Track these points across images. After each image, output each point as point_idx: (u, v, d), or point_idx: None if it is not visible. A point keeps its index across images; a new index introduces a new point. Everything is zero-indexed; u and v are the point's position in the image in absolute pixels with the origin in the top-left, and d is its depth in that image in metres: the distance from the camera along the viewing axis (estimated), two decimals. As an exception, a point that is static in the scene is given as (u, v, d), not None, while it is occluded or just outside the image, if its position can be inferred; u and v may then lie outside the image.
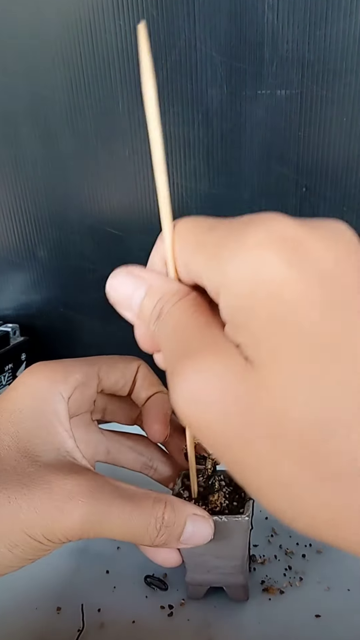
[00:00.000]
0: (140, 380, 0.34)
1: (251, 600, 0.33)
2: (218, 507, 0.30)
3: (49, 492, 0.25)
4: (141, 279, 0.22)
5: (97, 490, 0.25)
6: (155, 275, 0.22)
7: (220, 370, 0.17)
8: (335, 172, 0.46)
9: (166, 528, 0.26)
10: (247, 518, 0.29)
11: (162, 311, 0.21)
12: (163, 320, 0.21)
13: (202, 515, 0.28)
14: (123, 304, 0.23)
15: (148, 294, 0.22)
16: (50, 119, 0.51)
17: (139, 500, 0.26)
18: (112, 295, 0.23)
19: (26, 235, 0.57)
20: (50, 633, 0.32)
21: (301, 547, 0.37)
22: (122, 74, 0.47)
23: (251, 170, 0.48)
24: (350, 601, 0.33)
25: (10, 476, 0.25)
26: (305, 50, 0.42)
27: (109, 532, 0.26)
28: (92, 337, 0.59)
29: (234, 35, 0.43)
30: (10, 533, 0.24)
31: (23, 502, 0.24)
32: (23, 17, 0.48)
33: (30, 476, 0.25)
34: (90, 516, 0.25)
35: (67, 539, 0.25)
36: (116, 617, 0.32)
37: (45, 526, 0.24)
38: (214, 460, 0.32)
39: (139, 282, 0.22)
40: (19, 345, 0.57)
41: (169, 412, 0.33)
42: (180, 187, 0.50)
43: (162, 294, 0.21)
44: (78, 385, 0.30)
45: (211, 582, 0.32)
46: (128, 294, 0.22)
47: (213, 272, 0.18)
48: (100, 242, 0.54)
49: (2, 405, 0.29)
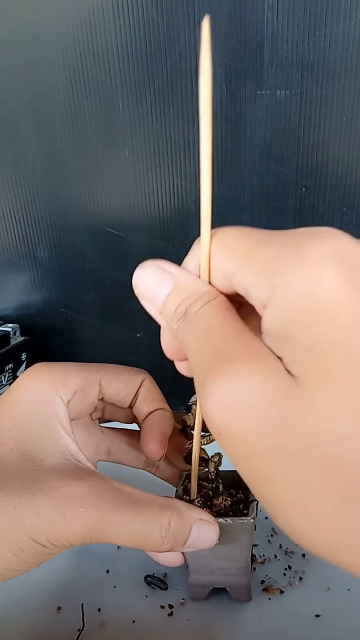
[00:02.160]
0: (143, 394, 0.33)
1: (251, 600, 0.33)
2: (222, 510, 0.30)
3: (53, 498, 0.25)
4: (169, 275, 0.22)
5: (101, 496, 0.25)
6: (184, 273, 0.22)
7: (262, 379, 0.17)
8: (335, 172, 0.46)
9: (172, 535, 0.26)
10: (252, 520, 0.29)
11: (190, 311, 0.20)
12: (191, 320, 0.20)
13: (207, 521, 0.28)
14: (147, 296, 0.22)
15: (175, 290, 0.21)
16: (50, 119, 0.51)
17: (144, 507, 0.26)
18: (137, 286, 0.22)
19: (26, 235, 0.57)
20: (50, 633, 0.32)
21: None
22: (122, 74, 0.47)
23: (251, 171, 0.48)
24: (350, 601, 0.33)
25: (14, 481, 0.25)
26: (305, 50, 0.42)
27: (113, 539, 0.25)
28: (92, 337, 0.59)
29: (234, 35, 0.43)
30: (16, 539, 0.24)
31: (28, 508, 0.24)
32: (23, 17, 0.48)
33: (34, 481, 0.25)
34: (93, 523, 0.25)
35: (71, 544, 0.25)
36: (116, 616, 0.32)
37: (49, 532, 0.24)
38: (216, 462, 0.32)
39: (166, 277, 0.22)
40: (19, 345, 0.57)
41: (168, 432, 0.32)
42: (180, 187, 0.50)
43: (189, 292, 0.21)
44: (78, 390, 0.30)
45: (214, 583, 0.32)
46: (153, 288, 0.22)
47: (265, 284, 0.18)
48: (100, 242, 0.54)
49: (4, 407, 0.29)
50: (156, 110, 0.48)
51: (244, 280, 0.19)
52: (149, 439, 0.32)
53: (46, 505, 0.24)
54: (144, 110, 0.48)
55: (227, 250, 0.20)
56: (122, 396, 0.33)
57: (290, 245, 0.18)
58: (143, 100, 0.47)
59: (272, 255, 0.18)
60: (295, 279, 0.17)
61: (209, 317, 0.20)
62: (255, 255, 0.19)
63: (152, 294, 0.22)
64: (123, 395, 0.33)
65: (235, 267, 0.20)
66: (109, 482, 0.26)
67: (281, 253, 0.18)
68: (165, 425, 0.32)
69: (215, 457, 0.32)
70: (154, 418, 0.33)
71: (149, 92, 0.47)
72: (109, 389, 0.32)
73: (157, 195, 0.51)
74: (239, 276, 0.19)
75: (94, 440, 0.34)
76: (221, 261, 0.20)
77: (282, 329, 0.17)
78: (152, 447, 0.32)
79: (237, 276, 0.20)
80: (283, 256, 0.18)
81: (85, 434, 0.33)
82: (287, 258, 0.18)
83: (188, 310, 0.20)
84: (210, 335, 0.19)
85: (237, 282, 0.20)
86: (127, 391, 0.33)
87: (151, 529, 0.26)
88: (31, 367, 0.31)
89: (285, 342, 0.17)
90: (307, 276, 0.17)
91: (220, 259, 0.20)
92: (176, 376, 0.26)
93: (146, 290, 0.22)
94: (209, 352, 0.19)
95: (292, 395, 0.17)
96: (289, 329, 0.17)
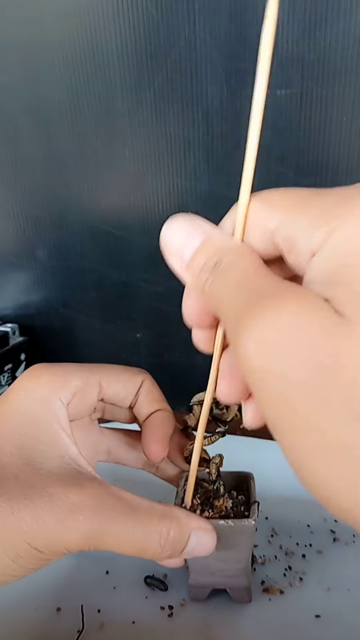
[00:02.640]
0: (143, 395, 0.33)
1: (251, 601, 0.33)
2: (223, 511, 0.30)
3: (52, 504, 0.24)
4: (201, 228, 0.21)
5: (100, 504, 0.25)
6: (216, 228, 0.21)
7: (308, 314, 0.16)
8: (335, 172, 0.46)
9: (171, 544, 0.26)
10: (253, 522, 0.29)
11: (222, 262, 0.19)
12: (224, 270, 0.19)
13: (205, 529, 0.28)
14: (173, 250, 0.21)
15: (204, 243, 0.20)
16: (50, 119, 0.51)
17: (143, 515, 0.26)
18: (164, 239, 0.21)
19: (26, 235, 0.57)
20: (50, 633, 0.32)
21: (301, 547, 0.37)
22: (122, 74, 0.47)
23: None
24: (350, 601, 0.33)
25: (13, 486, 0.25)
26: (305, 50, 0.42)
27: (112, 547, 0.25)
28: (92, 337, 0.59)
29: (234, 35, 0.43)
30: (14, 545, 0.24)
31: (26, 515, 0.24)
32: (23, 17, 0.48)
33: (34, 487, 0.25)
34: (92, 532, 0.25)
35: (69, 552, 0.25)
36: (116, 617, 0.32)
37: (47, 538, 0.24)
38: (217, 464, 0.32)
39: (196, 229, 0.20)
40: (18, 345, 0.57)
41: (169, 433, 0.32)
42: (180, 187, 0.50)
43: (221, 246, 0.20)
44: (77, 392, 0.30)
45: (214, 584, 0.32)
46: (181, 240, 0.20)
47: (319, 229, 0.17)
48: (100, 242, 0.54)
49: (3, 409, 0.29)
50: (156, 110, 0.48)
51: (293, 230, 0.18)
52: (149, 440, 0.32)
53: (45, 512, 0.24)
54: (143, 110, 0.48)
55: (273, 205, 0.19)
56: (122, 397, 0.32)
57: (347, 195, 0.18)
58: (143, 100, 0.47)
59: (329, 203, 0.18)
60: (354, 221, 0.17)
61: (243, 267, 0.19)
62: (308, 205, 0.18)
63: (179, 247, 0.20)
64: (123, 396, 0.32)
65: (283, 219, 0.19)
66: (109, 488, 0.26)
67: (337, 202, 0.18)
68: (166, 426, 0.32)
69: (216, 458, 0.32)
70: (154, 419, 0.32)
71: (149, 92, 0.47)
72: (109, 389, 0.32)
73: (157, 195, 0.51)
74: (287, 227, 0.19)
75: (94, 441, 0.34)
76: (264, 216, 0.19)
77: (334, 273, 0.17)
78: (153, 448, 0.31)
79: (284, 228, 0.19)
80: (341, 203, 0.17)
81: (85, 434, 0.33)
82: (345, 205, 0.17)
83: (219, 262, 0.19)
84: (248, 282, 0.18)
85: (283, 234, 0.19)
86: (127, 392, 0.32)
87: (150, 538, 0.26)
88: (30, 368, 0.30)
89: (335, 285, 0.16)
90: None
91: (263, 214, 0.20)
92: (176, 376, 0.25)
93: (173, 242, 0.21)
94: (246, 297, 0.17)
95: (340, 333, 0.15)
96: (341, 272, 0.16)
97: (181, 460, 0.34)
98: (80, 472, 0.27)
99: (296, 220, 0.18)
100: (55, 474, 0.26)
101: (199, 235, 0.20)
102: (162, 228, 0.21)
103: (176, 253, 0.21)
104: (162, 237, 0.21)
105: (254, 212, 0.20)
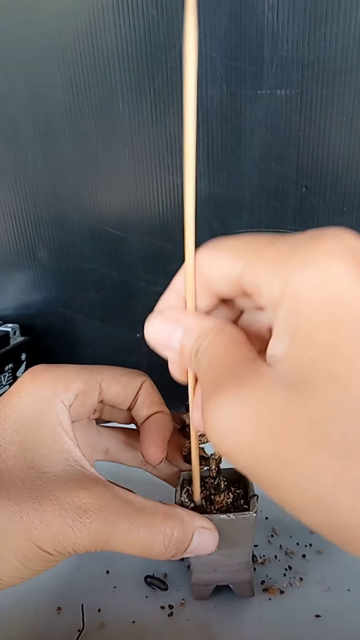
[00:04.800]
0: (142, 397, 0.33)
1: (251, 600, 0.33)
2: (224, 507, 0.31)
3: (59, 508, 0.25)
4: (176, 321, 0.24)
5: (106, 507, 0.26)
6: (188, 315, 0.24)
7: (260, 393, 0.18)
8: (335, 172, 0.46)
9: (174, 544, 0.27)
10: (254, 515, 0.30)
11: (200, 347, 0.22)
12: (201, 355, 0.22)
13: (208, 528, 0.28)
14: (164, 346, 0.24)
15: (186, 333, 0.23)
16: (50, 119, 0.51)
17: (147, 516, 0.26)
18: (151, 341, 0.24)
19: (26, 235, 0.57)
20: (50, 633, 0.32)
21: (301, 547, 0.37)
22: (122, 74, 0.47)
23: (251, 170, 0.48)
24: (350, 601, 0.33)
25: (20, 490, 0.25)
26: (305, 50, 0.42)
27: (117, 547, 0.26)
28: (92, 337, 0.59)
29: (234, 35, 0.43)
30: (24, 548, 0.25)
31: (35, 518, 0.25)
32: (23, 17, 0.48)
33: (40, 490, 0.25)
34: (98, 534, 0.25)
35: (76, 552, 0.25)
36: (116, 617, 0.32)
37: (56, 541, 0.25)
38: (217, 460, 0.32)
39: (175, 324, 0.23)
40: (19, 345, 0.57)
41: (167, 435, 0.33)
42: (180, 187, 0.50)
43: (199, 331, 0.23)
44: (79, 394, 0.30)
45: (218, 581, 0.32)
46: (167, 337, 0.23)
47: (278, 281, 0.19)
48: (100, 242, 0.54)
49: (5, 412, 0.29)
50: (156, 110, 0.48)
51: (256, 277, 0.20)
52: (148, 443, 0.32)
53: (53, 516, 0.25)
54: (143, 110, 0.48)
55: (232, 253, 0.21)
56: (121, 399, 0.33)
57: (299, 242, 0.19)
58: (143, 100, 0.47)
59: (284, 252, 0.19)
60: (309, 271, 0.18)
61: (214, 349, 0.22)
62: (265, 253, 0.20)
63: (167, 343, 0.24)
64: (123, 398, 0.33)
65: (245, 266, 0.21)
66: (113, 490, 0.27)
67: (292, 250, 0.19)
68: (165, 429, 0.32)
69: (216, 454, 0.32)
70: (153, 421, 0.33)
71: (149, 92, 0.47)
72: (109, 391, 0.32)
73: (157, 195, 0.51)
74: (250, 274, 0.20)
75: (92, 441, 0.34)
76: (229, 266, 0.21)
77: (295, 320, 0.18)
78: (151, 451, 0.32)
79: (248, 275, 0.21)
80: (295, 253, 0.19)
81: (84, 434, 0.33)
82: (300, 254, 0.18)
83: (199, 348, 0.22)
84: (216, 364, 0.21)
85: (247, 281, 0.21)
86: (126, 394, 0.33)
87: (154, 539, 0.26)
88: (30, 370, 0.30)
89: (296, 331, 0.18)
90: (321, 268, 0.18)
91: (228, 264, 0.21)
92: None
93: (161, 341, 0.24)
94: (215, 378, 0.20)
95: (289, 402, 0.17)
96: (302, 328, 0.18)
97: (179, 459, 0.34)
98: (85, 475, 0.27)
99: (256, 268, 0.20)
100: (61, 477, 0.26)
101: (178, 327, 0.23)
102: (145, 331, 0.24)
103: (167, 348, 0.24)
104: (147, 339, 0.24)
105: (218, 263, 0.22)
